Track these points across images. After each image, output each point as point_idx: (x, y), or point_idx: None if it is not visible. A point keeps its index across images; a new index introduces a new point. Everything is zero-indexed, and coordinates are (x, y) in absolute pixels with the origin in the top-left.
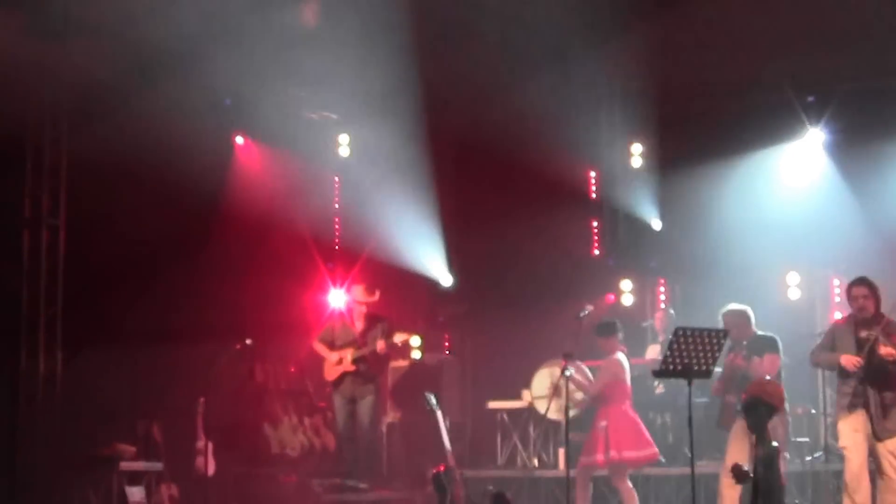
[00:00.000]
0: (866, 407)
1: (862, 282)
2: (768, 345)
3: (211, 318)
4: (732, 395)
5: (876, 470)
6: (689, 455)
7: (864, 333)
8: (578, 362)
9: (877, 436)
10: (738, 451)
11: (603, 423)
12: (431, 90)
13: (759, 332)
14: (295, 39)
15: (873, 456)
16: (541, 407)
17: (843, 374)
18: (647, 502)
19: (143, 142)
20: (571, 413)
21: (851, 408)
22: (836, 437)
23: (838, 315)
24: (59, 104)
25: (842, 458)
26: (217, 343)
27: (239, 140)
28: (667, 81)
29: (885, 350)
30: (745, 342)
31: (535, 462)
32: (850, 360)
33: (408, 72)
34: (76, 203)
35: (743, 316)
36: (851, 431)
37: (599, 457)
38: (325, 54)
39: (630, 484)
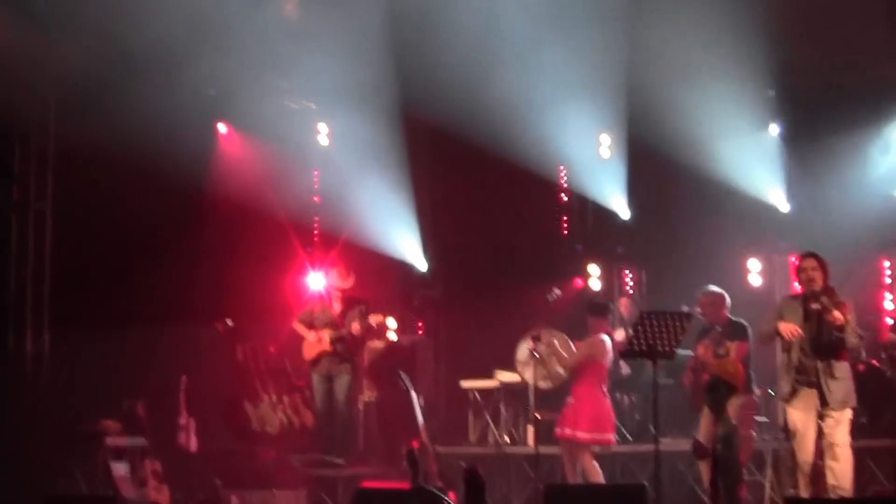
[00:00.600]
0: (814, 382)
1: (811, 255)
2: (739, 331)
3: (194, 299)
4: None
5: (825, 445)
6: (654, 433)
7: (813, 305)
8: (561, 334)
9: (831, 407)
10: (708, 430)
11: (570, 400)
12: (408, 80)
13: (733, 318)
14: (277, 30)
15: (821, 431)
16: (525, 374)
17: (786, 348)
18: (613, 478)
19: (129, 129)
20: (550, 385)
21: (798, 386)
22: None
23: None
24: (47, 92)
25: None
26: (200, 324)
27: (222, 129)
28: (635, 73)
29: (834, 314)
30: (718, 327)
31: (506, 439)
32: (787, 328)
33: (386, 63)
34: (63, 188)
35: (719, 298)
36: (801, 412)
37: (557, 430)
38: (306, 45)
39: (592, 462)
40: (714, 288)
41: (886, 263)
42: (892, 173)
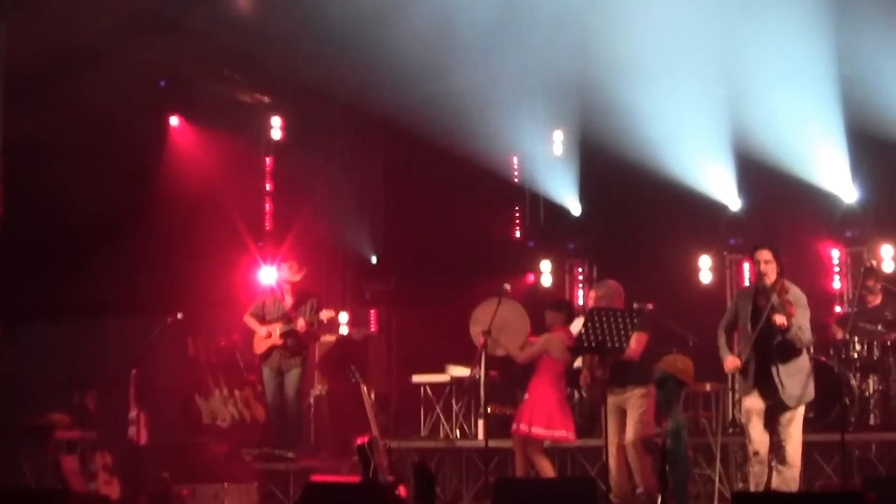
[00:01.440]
0: (768, 379)
1: (766, 245)
2: (639, 322)
3: (144, 292)
4: (601, 371)
5: (775, 443)
6: (604, 429)
7: (762, 302)
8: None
9: (784, 403)
10: (617, 424)
11: (526, 396)
12: (363, 74)
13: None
14: (230, 23)
15: (773, 428)
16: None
17: (741, 346)
18: (563, 472)
19: (80, 120)
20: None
21: (750, 381)
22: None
23: None
24: None
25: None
26: (150, 317)
27: (173, 121)
28: (588, 71)
29: (779, 320)
30: None
31: (457, 433)
32: (729, 364)
33: (339, 56)
34: (13, 179)
35: (616, 290)
36: (752, 407)
37: (514, 426)
38: (259, 38)
39: (544, 457)
40: (609, 280)
41: (835, 260)
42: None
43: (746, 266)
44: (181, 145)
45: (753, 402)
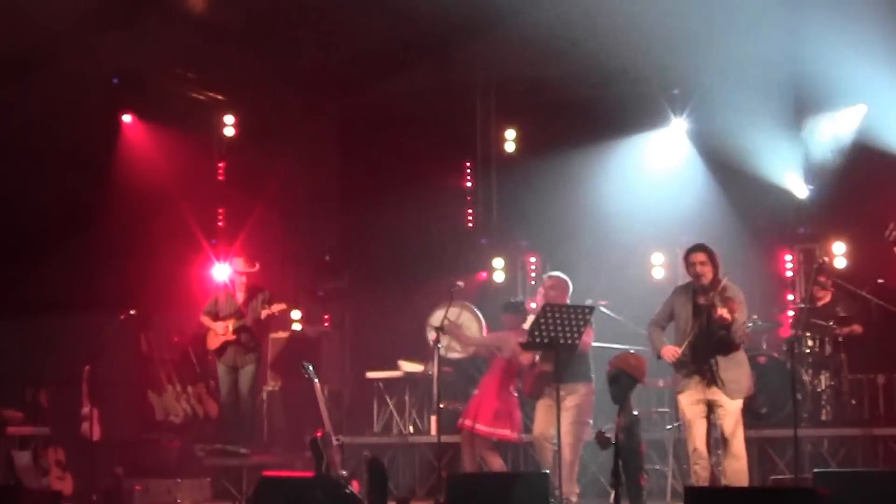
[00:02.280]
0: (706, 373)
1: (699, 248)
2: None
3: (98, 289)
4: (548, 365)
5: (720, 438)
6: (557, 425)
7: (701, 300)
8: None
9: (723, 396)
10: (546, 419)
11: (475, 392)
12: (315, 72)
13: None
14: (182, 20)
15: (715, 422)
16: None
17: (679, 341)
18: (516, 466)
19: (34, 117)
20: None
21: (689, 376)
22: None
23: None
24: None
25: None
26: (103, 313)
27: (126, 118)
28: (542, 71)
29: (720, 313)
30: None
31: (410, 429)
32: (669, 353)
33: (292, 54)
34: None
35: (563, 283)
36: (691, 404)
37: (460, 420)
38: (212, 35)
39: (491, 453)
40: (558, 273)
41: (788, 256)
42: (798, 168)
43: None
44: (134, 143)
45: (692, 398)
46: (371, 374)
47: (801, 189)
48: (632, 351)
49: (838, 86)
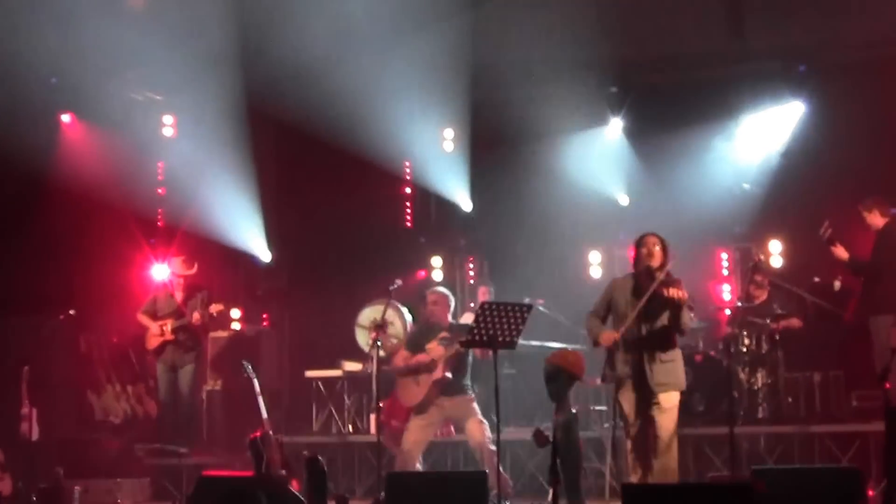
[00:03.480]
0: (639, 367)
1: (654, 234)
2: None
3: (37, 289)
4: (448, 371)
5: (651, 432)
6: (496, 422)
7: (645, 281)
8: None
9: (655, 392)
10: (424, 434)
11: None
12: (255, 72)
13: (455, 322)
14: (122, 21)
15: (647, 417)
16: (361, 338)
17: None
18: (455, 466)
19: None
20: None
21: (624, 371)
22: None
23: None
24: None
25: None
26: (42, 313)
27: (65, 118)
28: (480, 69)
29: (672, 293)
30: (443, 331)
31: (349, 428)
32: (608, 337)
33: (232, 54)
34: None
35: (444, 299)
36: (628, 399)
37: (383, 416)
38: (152, 36)
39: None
40: (440, 289)
41: (724, 255)
42: (735, 167)
43: None
44: (74, 142)
45: (627, 393)
46: (310, 374)
47: (736, 188)
48: (569, 349)
49: (774, 84)
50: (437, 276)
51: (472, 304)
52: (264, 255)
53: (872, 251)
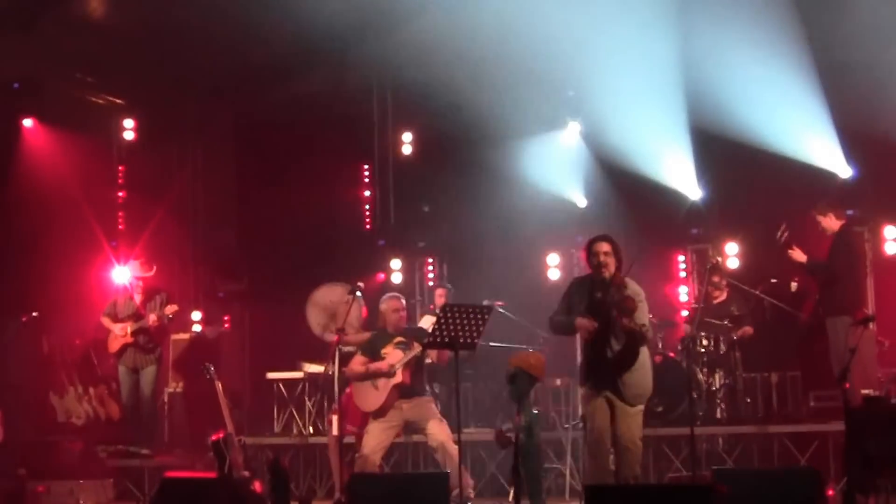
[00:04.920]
0: (606, 374)
1: (604, 238)
2: (421, 337)
3: None
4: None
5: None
6: (457, 423)
7: (599, 294)
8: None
9: (623, 400)
10: (383, 438)
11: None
12: (214, 76)
13: (411, 326)
14: (82, 26)
15: (616, 423)
16: (312, 317)
17: (585, 338)
18: (416, 467)
19: None
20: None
21: (591, 375)
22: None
23: None
24: None
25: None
26: (4, 316)
27: (27, 122)
28: (437, 75)
29: (625, 323)
30: (398, 336)
31: (310, 429)
32: (587, 324)
33: (190, 59)
34: None
35: (401, 304)
36: (592, 399)
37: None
38: (112, 40)
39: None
40: (394, 294)
41: (681, 258)
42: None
43: None
44: (35, 146)
45: (593, 397)
46: (272, 375)
47: (693, 191)
48: (530, 350)
49: (730, 89)
50: (397, 278)
51: (431, 307)
52: (225, 257)
53: (829, 254)
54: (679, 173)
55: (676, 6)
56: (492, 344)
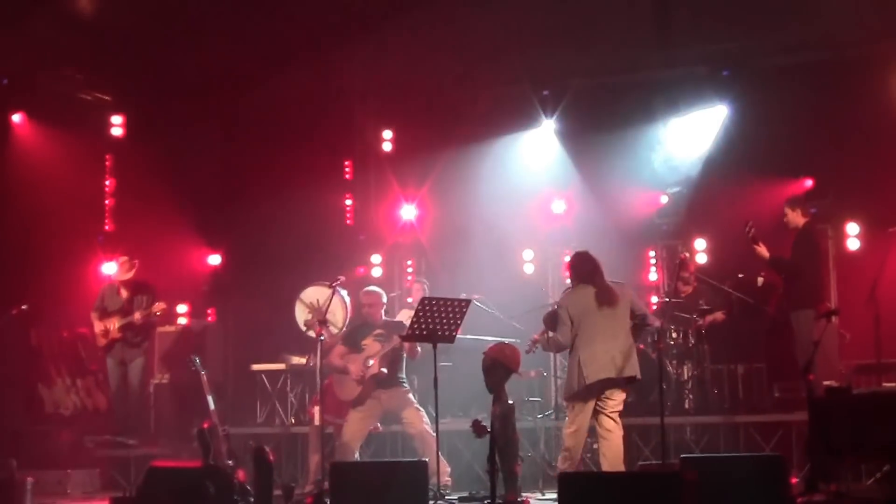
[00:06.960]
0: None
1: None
2: (399, 330)
3: None
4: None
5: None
6: (435, 413)
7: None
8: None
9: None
10: (362, 427)
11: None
12: (200, 73)
13: (389, 319)
14: (71, 22)
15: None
16: (299, 314)
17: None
18: (395, 455)
19: None
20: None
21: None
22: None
23: None
24: None
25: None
26: None
27: (16, 118)
28: (419, 74)
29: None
30: (378, 328)
31: (292, 420)
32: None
33: (177, 56)
34: None
35: (378, 297)
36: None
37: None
38: (101, 37)
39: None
40: (374, 287)
41: (651, 253)
42: (661, 169)
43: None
44: (24, 142)
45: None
46: (256, 367)
47: (663, 187)
48: (506, 342)
49: (700, 88)
50: (376, 272)
51: (408, 301)
52: (210, 251)
53: (793, 249)
54: (649, 169)
55: None
56: (468, 336)
